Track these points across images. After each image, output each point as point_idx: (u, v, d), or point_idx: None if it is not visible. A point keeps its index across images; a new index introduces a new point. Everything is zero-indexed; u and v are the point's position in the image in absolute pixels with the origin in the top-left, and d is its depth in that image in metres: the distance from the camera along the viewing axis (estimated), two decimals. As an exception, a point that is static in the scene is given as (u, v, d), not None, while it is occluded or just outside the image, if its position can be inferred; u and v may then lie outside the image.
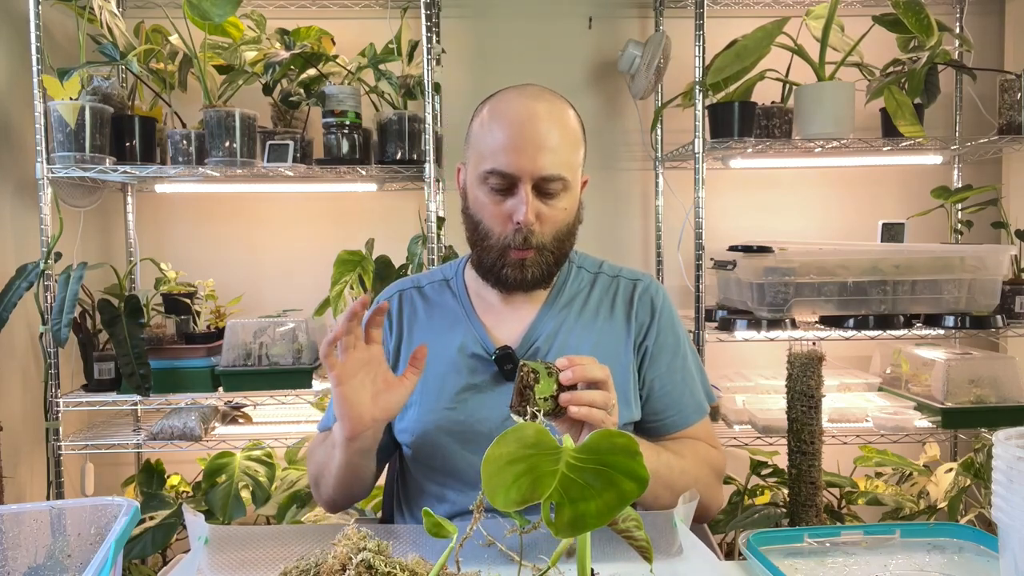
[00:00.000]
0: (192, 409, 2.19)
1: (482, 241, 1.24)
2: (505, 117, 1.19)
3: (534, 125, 1.17)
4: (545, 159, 1.16)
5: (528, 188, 1.17)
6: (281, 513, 2.09)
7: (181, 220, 2.58)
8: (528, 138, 1.17)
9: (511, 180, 1.18)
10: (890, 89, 2.15)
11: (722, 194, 2.61)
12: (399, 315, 1.34)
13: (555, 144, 1.17)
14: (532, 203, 1.17)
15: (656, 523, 1.03)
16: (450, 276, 1.38)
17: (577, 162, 1.23)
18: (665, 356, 1.30)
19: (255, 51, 2.25)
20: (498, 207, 1.20)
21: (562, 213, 1.22)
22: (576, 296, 1.32)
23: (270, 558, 1.01)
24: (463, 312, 1.32)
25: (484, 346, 1.27)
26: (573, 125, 1.23)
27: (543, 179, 1.17)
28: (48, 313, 2.02)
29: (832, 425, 2.18)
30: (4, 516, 0.86)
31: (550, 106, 1.20)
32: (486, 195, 1.21)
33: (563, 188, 1.20)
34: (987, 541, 1.04)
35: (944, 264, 2.19)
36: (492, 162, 1.18)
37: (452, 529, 0.75)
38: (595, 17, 2.61)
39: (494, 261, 1.23)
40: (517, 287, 1.24)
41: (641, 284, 1.34)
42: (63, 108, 1.98)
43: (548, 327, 1.28)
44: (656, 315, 1.31)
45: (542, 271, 1.23)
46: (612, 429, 0.65)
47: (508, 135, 1.17)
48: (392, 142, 2.20)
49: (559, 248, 1.24)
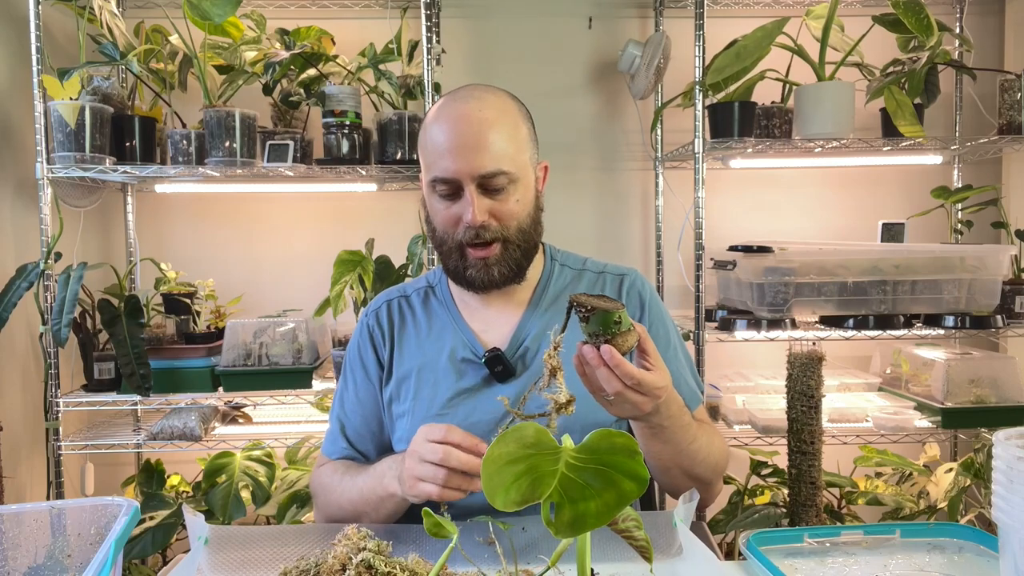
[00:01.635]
0: (192, 409, 2.19)
1: (441, 247, 1.25)
2: (438, 123, 1.21)
3: (465, 126, 1.19)
4: (482, 158, 1.17)
5: (472, 189, 1.18)
6: (281, 513, 2.09)
7: (181, 220, 2.58)
8: (461, 140, 1.18)
9: (454, 184, 1.19)
10: (890, 89, 2.15)
11: (722, 194, 2.61)
12: (389, 326, 1.35)
13: (490, 141, 1.18)
14: (479, 202, 1.18)
15: (656, 523, 1.03)
16: (434, 282, 1.38)
17: (523, 154, 1.23)
18: (657, 348, 1.30)
19: (255, 51, 2.25)
20: (448, 211, 1.21)
21: (516, 206, 1.22)
22: (561, 294, 1.33)
23: (270, 558, 1.01)
24: (450, 318, 1.32)
25: (473, 350, 1.28)
26: (511, 117, 1.23)
27: (484, 177, 1.18)
28: (48, 313, 2.02)
29: (832, 425, 2.17)
30: (4, 516, 0.86)
31: (481, 103, 1.21)
32: (438, 202, 1.22)
33: (509, 182, 1.20)
34: (987, 541, 1.04)
35: (944, 264, 2.18)
36: (435, 170, 1.20)
37: (452, 529, 0.75)
38: (595, 17, 2.61)
39: (456, 263, 1.24)
40: (488, 286, 1.24)
41: (627, 279, 1.35)
42: (63, 108, 1.98)
43: (535, 327, 1.29)
44: (645, 309, 1.33)
45: (509, 267, 1.23)
46: (612, 429, 0.65)
47: (443, 140, 1.19)
48: (392, 142, 2.20)
49: (525, 240, 1.24)
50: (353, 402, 1.35)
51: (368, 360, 1.34)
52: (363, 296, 2.08)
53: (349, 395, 1.36)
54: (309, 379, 2.14)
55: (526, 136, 1.25)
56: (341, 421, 1.35)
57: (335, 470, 1.29)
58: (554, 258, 1.37)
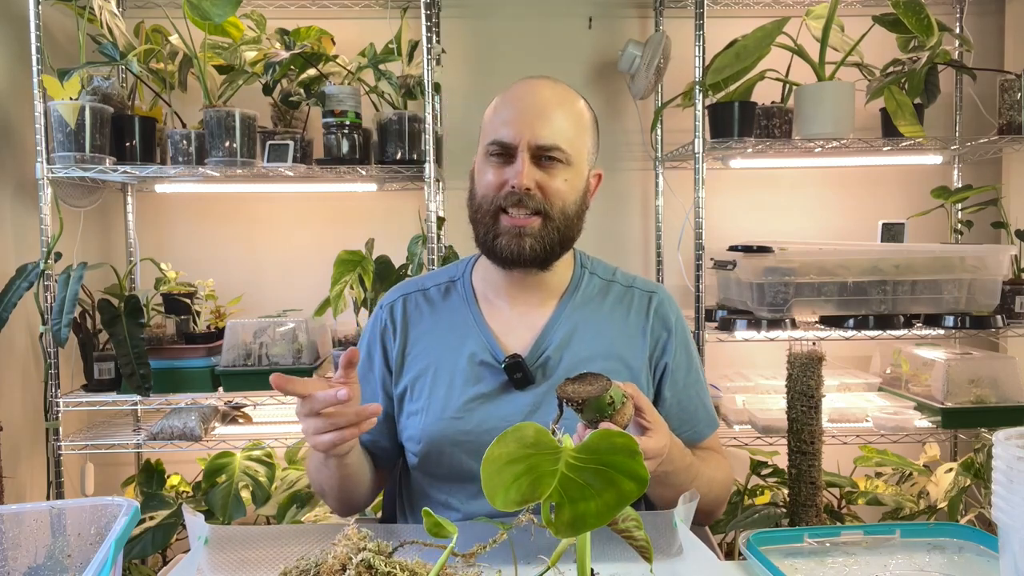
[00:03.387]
0: (192, 409, 2.19)
1: (476, 213, 1.23)
2: (510, 95, 1.23)
3: (535, 98, 1.21)
4: (543, 128, 1.18)
5: (526, 156, 1.18)
6: (281, 513, 2.09)
7: (181, 220, 2.58)
8: (527, 109, 1.20)
9: (510, 149, 1.19)
10: (890, 89, 2.15)
11: (722, 194, 2.61)
12: (403, 320, 1.30)
13: (555, 117, 1.19)
14: (529, 169, 1.18)
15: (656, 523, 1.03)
16: (456, 277, 1.34)
17: (581, 143, 1.23)
18: (680, 373, 1.29)
19: (255, 51, 2.25)
20: (497, 175, 1.20)
21: (564, 185, 1.20)
22: (588, 303, 1.29)
23: (270, 558, 1.01)
24: (471, 318, 1.28)
25: (493, 354, 1.24)
26: (579, 109, 1.24)
27: (540, 147, 1.18)
28: (48, 313, 2.02)
29: (832, 425, 2.17)
30: (4, 516, 0.86)
31: (555, 87, 1.24)
32: (488, 165, 1.21)
33: (564, 161, 1.19)
34: (987, 541, 1.04)
35: (944, 264, 2.18)
36: (493, 135, 1.20)
37: (452, 529, 0.74)
38: (595, 17, 2.61)
39: (488, 229, 1.21)
40: (516, 258, 1.19)
41: (656, 297, 1.32)
42: (63, 108, 1.98)
43: (559, 334, 1.25)
44: (672, 331, 1.30)
45: (543, 245, 1.19)
46: (612, 429, 0.65)
47: (510, 109, 1.21)
48: (392, 142, 2.20)
49: (565, 224, 1.21)
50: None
51: (375, 354, 1.31)
52: (363, 296, 2.08)
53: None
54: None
55: (589, 129, 1.25)
56: None
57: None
58: (584, 265, 1.34)
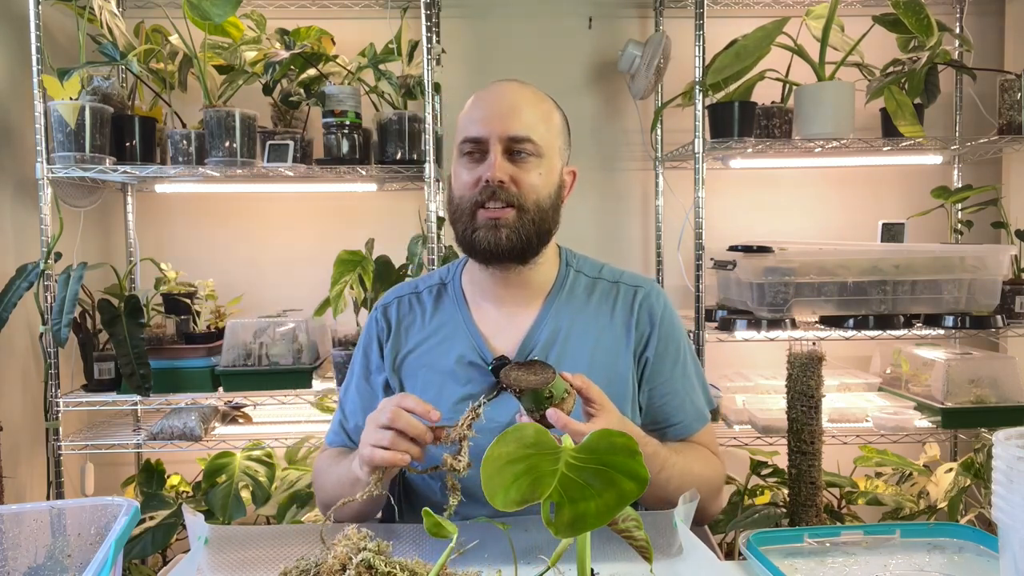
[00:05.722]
0: (192, 409, 2.19)
1: (455, 213, 1.24)
2: (480, 96, 1.26)
3: (501, 97, 1.23)
4: (513, 121, 1.20)
5: (498, 149, 1.19)
6: (281, 513, 2.09)
7: (181, 220, 2.58)
8: (497, 105, 1.22)
9: (482, 144, 1.20)
10: (890, 89, 2.15)
11: (722, 194, 2.61)
12: (398, 322, 1.34)
13: (524, 111, 1.21)
14: (501, 162, 1.19)
15: (656, 523, 1.03)
16: (447, 279, 1.36)
17: (552, 137, 1.24)
18: (666, 365, 1.29)
19: (255, 51, 2.25)
20: (471, 174, 1.21)
21: (538, 179, 1.21)
22: (574, 301, 1.30)
23: (270, 558, 1.01)
24: (461, 319, 1.30)
25: (481, 355, 1.26)
26: (546, 104, 1.26)
27: (512, 139, 1.20)
28: (48, 313, 2.02)
29: (832, 425, 2.17)
30: (4, 516, 0.86)
31: (521, 85, 1.26)
32: (462, 166, 1.23)
33: (536, 154, 1.21)
34: (987, 541, 1.04)
35: (944, 264, 2.18)
36: (464, 133, 1.22)
37: (452, 529, 0.74)
38: (595, 17, 2.61)
39: (465, 226, 1.22)
40: (495, 251, 1.20)
41: (642, 291, 1.32)
42: (63, 108, 1.98)
43: (544, 334, 1.27)
44: (656, 324, 1.29)
45: (519, 236, 1.20)
46: (612, 429, 0.65)
47: (480, 108, 1.23)
48: (392, 142, 2.20)
49: (540, 216, 1.22)
50: (354, 396, 1.36)
51: (372, 355, 1.34)
52: (363, 296, 2.08)
53: (351, 389, 1.36)
54: (309, 379, 2.14)
55: (558, 127, 1.27)
56: (343, 413, 1.36)
57: (330, 456, 1.31)
58: (569, 264, 1.34)
